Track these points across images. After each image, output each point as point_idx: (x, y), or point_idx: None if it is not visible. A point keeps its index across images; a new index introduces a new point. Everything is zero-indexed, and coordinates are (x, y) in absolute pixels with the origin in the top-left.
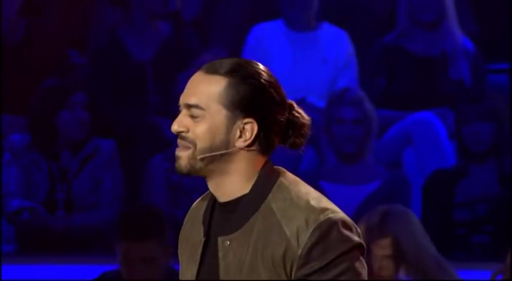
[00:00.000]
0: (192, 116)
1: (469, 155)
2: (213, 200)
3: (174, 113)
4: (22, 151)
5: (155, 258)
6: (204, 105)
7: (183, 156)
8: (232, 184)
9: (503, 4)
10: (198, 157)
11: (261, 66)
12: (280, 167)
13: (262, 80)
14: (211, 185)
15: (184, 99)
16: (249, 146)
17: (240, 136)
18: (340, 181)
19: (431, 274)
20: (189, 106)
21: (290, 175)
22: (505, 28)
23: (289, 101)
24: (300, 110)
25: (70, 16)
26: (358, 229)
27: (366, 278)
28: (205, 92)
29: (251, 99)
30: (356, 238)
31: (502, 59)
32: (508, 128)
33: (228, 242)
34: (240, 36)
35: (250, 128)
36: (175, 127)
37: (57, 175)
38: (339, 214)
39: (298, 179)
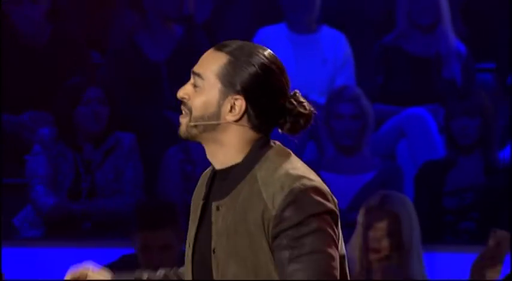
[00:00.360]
0: (195, 86)
1: (457, 147)
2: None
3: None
4: (50, 143)
5: (170, 245)
6: (204, 76)
7: (182, 122)
8: (225, 154)
9: (490, 7)
10: (191, 124)
11: (266, 53)
12: (277, 142)
13: (261, 65)
14: (208, 153)
15: (194, 68)
16: (238, 120)
17: (230, 111)
18: (339, 171)
19: (409, 255)
20: (194, 74)
21: (283, 150)
22: (492, 29)
23: (295, 90)
24: (302, 101)
25: (91, 20)
26: (335, 199)
27: (336, 244)
28: (209, 65)
29: (246, 79)
30: (328, 204)
31: (488, 58)
32: (493, 123)
33: (219, 207)
34: (247, 38)
35: (239, 104)
36: (180, 94)
37: (81, 165)
38: (314, 181)
39: (290, 153)
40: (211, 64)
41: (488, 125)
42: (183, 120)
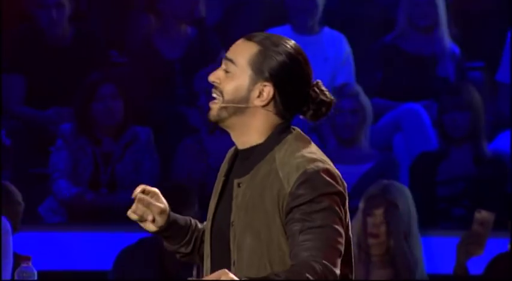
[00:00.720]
0: (226, 71)
1: (449, 140)
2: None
3: (198, 104)
4: (71, 138)
5: None
6: (236, 62)
7: (213, 107)
8: (249, 135)
9: (481, 11)
10: (222, 105)
11: (292, 44)
12: (297, 129)
13: (288, 54)
14: (234, 135)
15: (226, 54)
16: (265, 106)
17: (259, 96)
18: (339, 162)
19: (408, 242)
20: (227, 59)
21: (302, 135)
22: (482, 32)
23: (317, 80)
24: (324, 89)
25: (111, 23)
26: (344, 183)
27: (343, 223)
28: (241, 53)
29: (274, 67)
30: (338, 186)
31: (478, 58)
32: (482, 117)
33: (240, 184)
34: None
35: (267, 91)
36: (211, 78)
37: (100, 158)
38: (327, 165)
39: (309, 139)
40: (243, 52)
41: (478, 119)
42: (214, 106)
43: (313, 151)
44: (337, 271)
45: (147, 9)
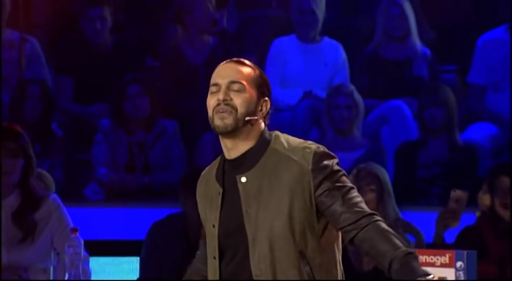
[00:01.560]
0: (234, 90)
1: (427, 131)
2: (222, 162)
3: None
4: (109, 131)
5: None
6: (244, 82)
7: (229, 118)
8: (245, 142)
9: (451, 21)
10: (244, 119)
11: None
12: (275, 131)
13: (266, 79)
14: (229, 143)
15: (229, 78)
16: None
17: (261, 110)
18: (336, 149)
19: (389, 205)
20: (233, 82)
21: (280, 132)
22: (454, 39)
23: None
24: None
25: (145, 33)
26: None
27: None
28: (245, 74)
29: (266, 86)
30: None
31: (452, 62)
32: (454, 112)
33: (245, 178)
34: (265, 47)
35: (265, 105)
36: (221, 97)
37: (135, 147)
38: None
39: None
40: (247, 73)
41: (451, 114)
42: (229, 116)
43: (302, 140)
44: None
45: (176, 21)
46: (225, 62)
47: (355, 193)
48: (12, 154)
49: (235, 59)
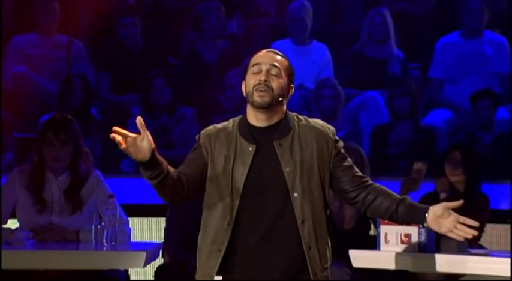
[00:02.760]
0: (272, 74)
1: (396, 116)
2: (246, 127)
3: (226, 94)
4: (140, 114)
5: None
6: (281, 69)
7: (267, 96)
8: (275, 116)
9: (417, 27)
10: (278, 99)
11: None
12: None
13: (293, 68)
14: (263, 116)
15: (271, 61)
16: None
17: (288, 93)
18: None
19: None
20: (273, 66)
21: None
22: (418, 41)
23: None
24: None
25: (168, 36)
26: None
27: None
28: (282, 62)
29: (292, 75)
30: None
31: (416, 60)
32: (418, 101)
33: (280, 144)
34: (266, 48)
35: (291, 90)
36: (263, 78)
37: (160, 129)
38: None
39: None
40: (282, 63)
41: (415, 103)
42: (267, 94)
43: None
44: None
45: (193, 27)
46: (264, 50)
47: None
48: (64, 143)
49: (271, 49)
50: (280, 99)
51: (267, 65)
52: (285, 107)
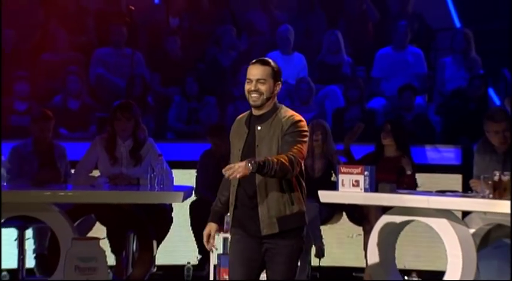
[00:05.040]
0: (260, 82)
1: (349, 102)
2: (250, 115)
3: (239, 87)
4: (179, 103)
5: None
6: (265, 78)
7: (258, 99)
8: (267, 107)
9: (363, 41)
10: (266, 98)
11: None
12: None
13: (279, 69)
14: (260, 108)
15: (256, 76)
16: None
17: (275, 89)
18: (301, 112)
19: (331, 146)
20: (258, 79)
21: (283, 105)
22: (365, 49)
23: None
24: None
25: (197, 49)
26: (306, 125)
27: (306, 143)
28: (265, 72)
29: (278, 74)
30: (305, 127)
31: (362, 64)
32: (363, 92)
33: (259, 127)
34: (260, 57)
35: (278, 86)
36: (253, 88)
37: (192, 111)
38: (300, 117)
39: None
40: (266, 72)
41: (362, 94)
42: (259, 97)
43: (295, 113)
44: (300, 161)
45: (214, 43)
46: (254, 61)
47: (297, 143)
48: (128, 119)
49: (260, 59)
50: (268, 97)
51: (255, 77)
52: (274, 100)
